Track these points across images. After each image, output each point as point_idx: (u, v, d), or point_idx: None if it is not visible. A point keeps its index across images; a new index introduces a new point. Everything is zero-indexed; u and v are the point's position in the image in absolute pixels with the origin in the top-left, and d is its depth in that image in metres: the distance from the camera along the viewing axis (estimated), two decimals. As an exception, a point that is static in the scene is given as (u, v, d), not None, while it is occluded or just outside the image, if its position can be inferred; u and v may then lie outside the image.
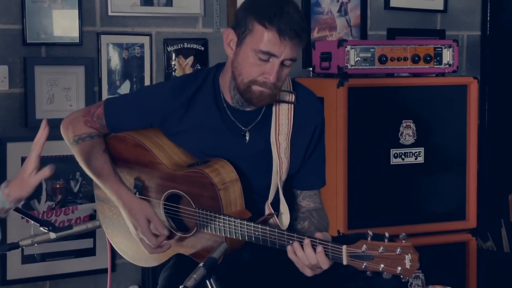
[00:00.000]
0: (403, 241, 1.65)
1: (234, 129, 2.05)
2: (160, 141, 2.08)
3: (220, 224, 1.92)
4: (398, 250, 1.65)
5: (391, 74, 3.18)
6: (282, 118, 2.05)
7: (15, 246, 1.87)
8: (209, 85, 2.07)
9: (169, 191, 2.04)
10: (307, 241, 1.78)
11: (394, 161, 3.14)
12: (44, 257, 3.03)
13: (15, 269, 2.96)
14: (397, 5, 3.69)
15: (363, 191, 3.10)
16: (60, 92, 3.01)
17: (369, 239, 1.68)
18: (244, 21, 1.94)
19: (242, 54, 1.95)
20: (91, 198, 3.08)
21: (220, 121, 2.05)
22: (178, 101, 2.05)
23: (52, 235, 1.90)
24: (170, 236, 2.03)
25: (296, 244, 1.79)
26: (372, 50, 3.12)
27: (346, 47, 3.07)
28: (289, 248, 1.81)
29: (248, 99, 1.98)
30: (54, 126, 2.97)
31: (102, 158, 2.09)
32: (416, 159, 3.16)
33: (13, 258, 2.96)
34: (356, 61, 3.09)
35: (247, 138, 2.06)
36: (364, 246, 1.68)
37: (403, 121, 3.14)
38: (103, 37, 3.08)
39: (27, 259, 2.98)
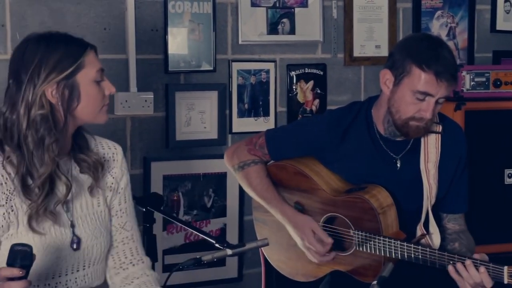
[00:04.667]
0: None
1: (386, 157, 2.26)
2: (317, 169, 2.31)
3: (380, 245, 2.13)
4: (558, 270, 1.83)
5: (505, 97, 3.33)
6: (431, 147, 2.24)
7: (198, 261, 2.08)
8: (362, 118, 2.29)
9: (328, 214, 2.26)
10: (468, 262, 1.97)
11: (508, 180, 3.29)
12: (182, 267, 3.28)
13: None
14: (502, 28, 3.83)
15: (479, 209, 3.23)
16: (196, 115, 3.27)
17: (528, 261, 1.87)
18: (401, 63, 2.13)
19: (399, 93, 2.15)
20: (222, 213, 3.35)
21: (373, 150, 2.26)
22: (334, 133, 2.28)
23: (229, 252, 2.10)
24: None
25: (459, 265, 1.99)
26: (486, 74, 3.29)
27: (462, 72, 3.25)
28: (451, 268, 2.01)
29: (405, 133, 2.18)
30: (191, 146, 3.31)
31: (266, 181, 2.34)
32: (529, 178, 3.31)
33: (155, 267, 3.22)
34: (472, 85, 3.26)
35: (398, 165, 2.26)
36: (525, 267, 1.87)
37: (516, 142, 3.30)
38: (234, 64, 3.33)
39: (167, 268, 3.25)
